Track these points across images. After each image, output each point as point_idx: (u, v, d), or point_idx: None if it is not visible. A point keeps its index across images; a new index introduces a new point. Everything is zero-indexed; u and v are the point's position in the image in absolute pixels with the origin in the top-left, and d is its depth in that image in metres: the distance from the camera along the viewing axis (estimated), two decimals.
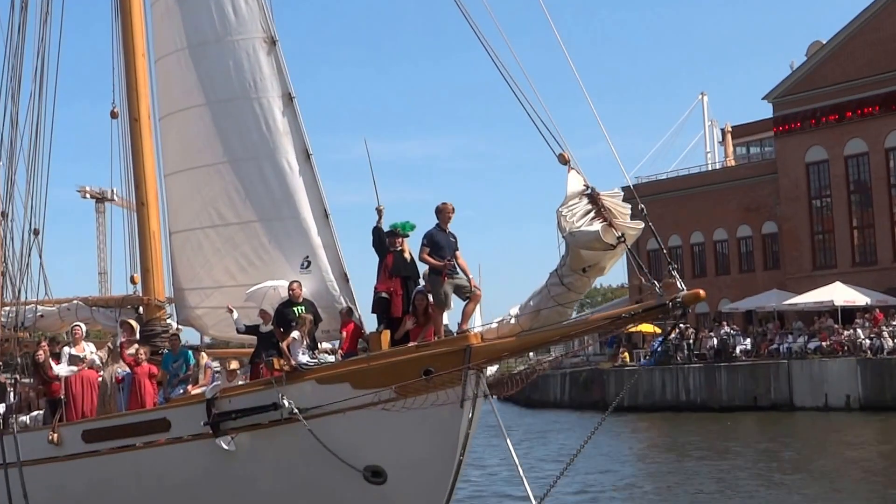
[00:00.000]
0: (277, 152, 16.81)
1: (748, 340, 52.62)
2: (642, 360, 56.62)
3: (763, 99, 61.21)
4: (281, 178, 16.79)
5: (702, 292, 13.54)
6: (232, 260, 17.42)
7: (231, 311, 16.81)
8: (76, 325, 18.37)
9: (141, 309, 19.21)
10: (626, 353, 57.95)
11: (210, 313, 18.07)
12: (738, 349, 52.24)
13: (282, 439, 15.10)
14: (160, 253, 19.09)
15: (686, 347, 52.83)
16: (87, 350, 18.13)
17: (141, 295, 19.28)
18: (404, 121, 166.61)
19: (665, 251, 15.71)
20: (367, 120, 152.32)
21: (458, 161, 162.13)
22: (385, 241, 15.71)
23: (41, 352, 18.05)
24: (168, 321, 19.09)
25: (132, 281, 19.74)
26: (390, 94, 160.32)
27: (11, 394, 19.21)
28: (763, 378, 48.96)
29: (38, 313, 20.46)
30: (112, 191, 23.26)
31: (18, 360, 19.10)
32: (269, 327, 16.32)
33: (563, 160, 14.13)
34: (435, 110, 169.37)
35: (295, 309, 16.01)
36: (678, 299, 13.24)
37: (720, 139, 70.89)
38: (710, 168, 68.05)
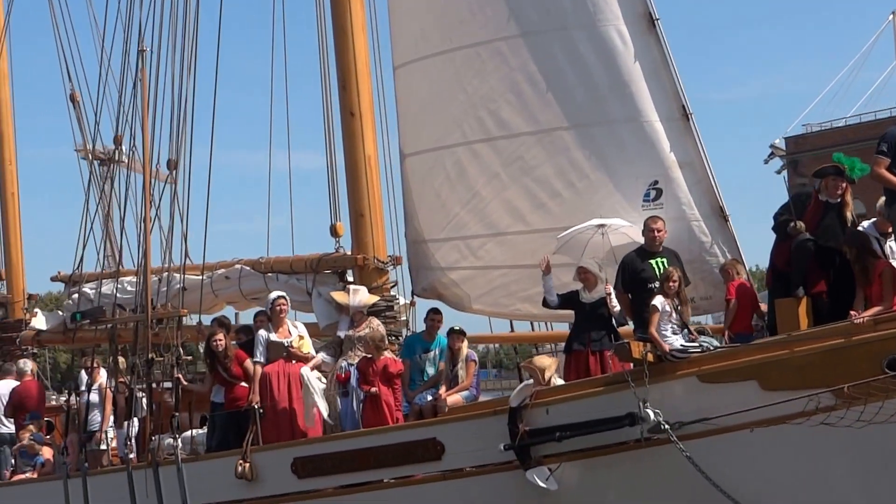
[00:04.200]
0: (600, 17, 14.50)
1: None
2: None
3: None
4: (608, 58, 14.44)
5: None
6: (520, 190, 15.08)
7: (547, 269, 14.03)
8: (279, 297, 15.23)
9: (350, 274, 16.21)
10: None
11: (476, 277, 15.68)
12: None
13: (641, 472, 12.60)
14: (378, 190, 16.30)
15: None
16: (295, 334, 14.96)
17: (349, 253, 16.23)
18: None
19: None
20: None
21: None
22: None
23: (219, 338, 15.01)
24: (393, 292, 16.20)
25: (334, 233, 16.49)
26: None
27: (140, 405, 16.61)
28: None
29: (179, 285, 17.36)
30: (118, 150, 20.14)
31: (153, 355, 16.14)
32: (598, 294, 13.77)
33: None
34: None
35: (654, 262, 13.46)
36: None
37: None
38: None
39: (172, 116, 16.31)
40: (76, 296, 18.49)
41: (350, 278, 16.28)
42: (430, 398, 14.62)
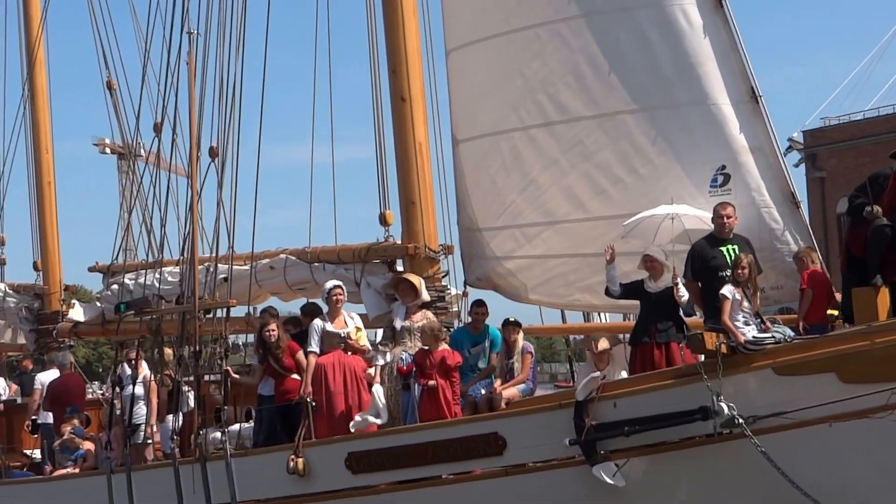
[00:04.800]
0: None
1: None
2: None
3: None
4: (673, 39, 13.94)
5: None
6: (580, 177, 14.56)
7: (611, 258, 13.57)
8: (336, 287, 14.76)
9: (400, 264, 15.64)
10: None
11: (533, 266, 15.14)
12: None
13: (713, 468, 12.11)
14: (429, 177, 15.68)
15: None
16: (352, 325, 14.48)
17: (399, 242, 15.68)
18: None
19: None
20: None
21: None
22: None
23: (272, 328, 14.58)
24: (444, 282, 15.57)
25: (383, 221, 16.02)
26: None
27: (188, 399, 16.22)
28: None
29: (220, 275, 16.92)
30: (140, 144, 19.69)
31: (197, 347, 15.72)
32: (664, 284, 13.32)
33: None
34: None
35: (725, 249, 13.00)
36: None
37: None
38: None
39: (217, 102, 15.86)
40: (115, 286, 18.09)
41: (400, 268, 15.87)
42: (483, 391, 14.10)
